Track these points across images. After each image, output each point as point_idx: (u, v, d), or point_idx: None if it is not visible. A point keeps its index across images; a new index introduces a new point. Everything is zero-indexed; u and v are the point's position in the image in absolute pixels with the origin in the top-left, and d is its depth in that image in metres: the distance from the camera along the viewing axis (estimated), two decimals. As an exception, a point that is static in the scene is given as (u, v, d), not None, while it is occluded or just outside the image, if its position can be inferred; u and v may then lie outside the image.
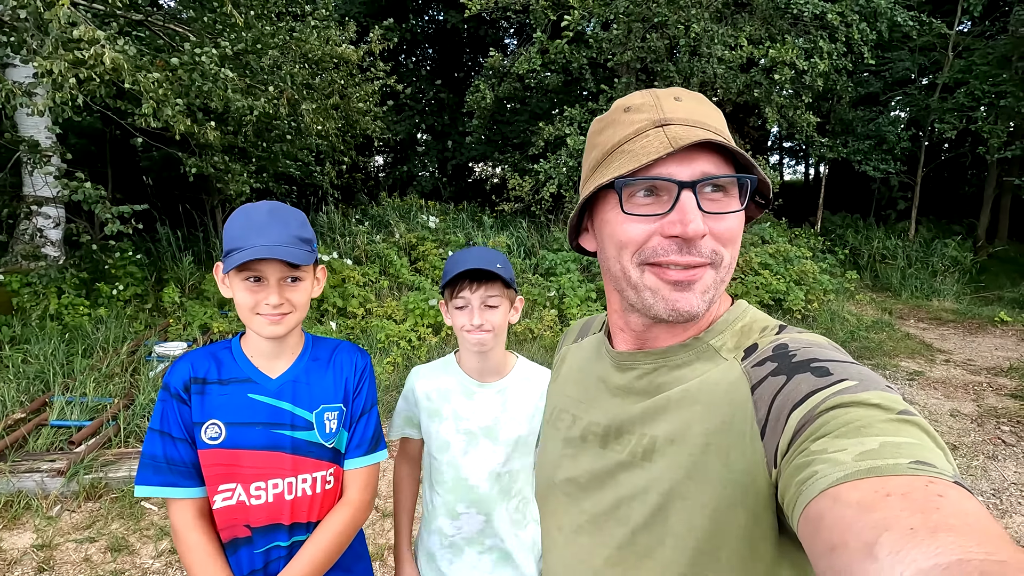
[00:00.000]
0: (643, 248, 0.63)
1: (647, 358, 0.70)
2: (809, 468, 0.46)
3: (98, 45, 3.18)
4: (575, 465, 0.75)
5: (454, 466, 1.30)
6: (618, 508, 0.66)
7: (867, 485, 0.41)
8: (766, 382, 0.57)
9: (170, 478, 1.09)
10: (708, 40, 7.36)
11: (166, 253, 6.53)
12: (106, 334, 4.67)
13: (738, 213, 0.63)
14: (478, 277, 1.24)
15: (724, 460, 0.57)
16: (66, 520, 2.88)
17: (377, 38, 6.47)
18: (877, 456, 0.43)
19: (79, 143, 7.99)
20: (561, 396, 0.85)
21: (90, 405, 3.67)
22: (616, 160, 0.64)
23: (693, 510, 0.58)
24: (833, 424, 0.47)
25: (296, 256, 1.05)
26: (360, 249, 6.76)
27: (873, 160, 9.95)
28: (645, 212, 0.63)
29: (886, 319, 7.41)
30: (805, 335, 0.62)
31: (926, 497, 0.39)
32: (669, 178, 0.61)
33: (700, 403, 0.62)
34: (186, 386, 1.12)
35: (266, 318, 1.08)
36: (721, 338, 0.66)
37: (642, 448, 0.65)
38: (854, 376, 0.51)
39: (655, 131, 0.62)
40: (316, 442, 1.15)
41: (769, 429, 0.54)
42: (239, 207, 1.11)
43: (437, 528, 1.33)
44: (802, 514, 0.44)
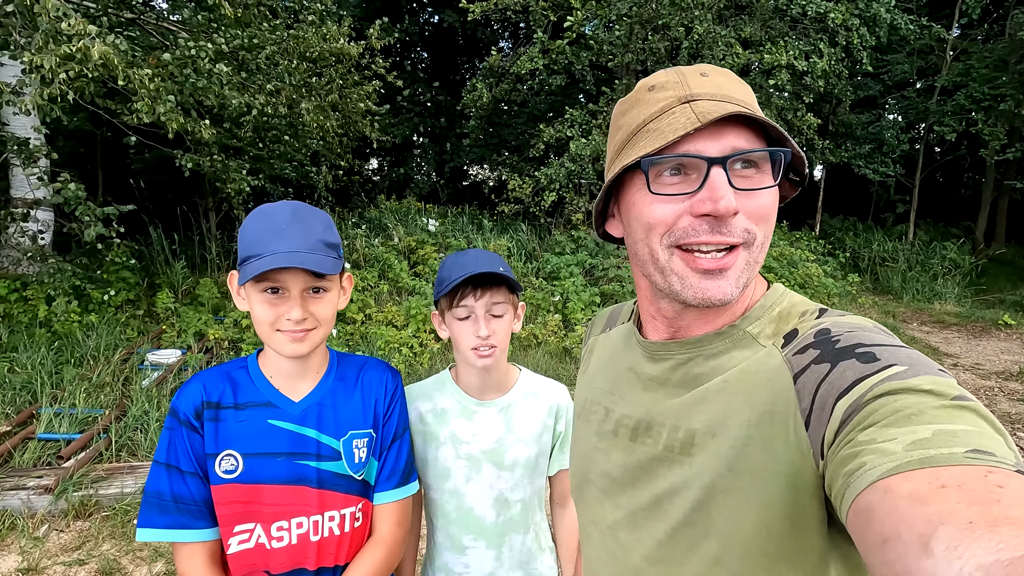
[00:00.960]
0: (673, 229, 0.60)
1: (681, 348, 0.67)
2: (857, 459, 0.44)
3: (88, 38, 3.03)
4: (607, 460, 0.72)
5: (457, 495, 1.16)
6: (658, 504, 0.64)
7: (920, 476, 0.39)
8: (809, 370, 0.54)
9: (179, 519, 0.95)
10: (710, 42, 7.30)
11: (159, 257, 6.35)
12: (97, 342, 4.50)
13: (771, 189, 0.60)
14: (483, 282, 1.09)
15: (768, 452, 0.55)
16: (54, 541, 2.72)
17: (376, 33, 6.34)
18: (930, 445, 0.41)
19: (68, 145, 7.80)
20: (591, 388, 0.82)
21: (80, 417, 3.50)
22: (642, 140, 0.62)
23: (738, 504, 0.56)
24: (882, 412, 0.45)
25: (322, 264, 0.91)
26: (358, 253, 6.62)
27: (872, 163, 9.94)
28: (674, 191, 0.60)
29: (890, 323, 7.35)
30: (848, 318, 0.59)
31: (985, 488, 0.37)
32: (698, 155, 0.58)
33: (740, 394, 0.59)
34: (198, 412, 0.98)
35: (287, 335, 0.94)
36: (758, 324, 0.63)
37: (679, 442, 0.63)
38: (903, 361, 0.48)
39: (681, 107, 0.60)
40: (345, 474, 1.01)
41: (814, 419, 0.51)
42: (256, 208, 0.96)
43: (443, 565, 1.19)
44: (851, 506, 0.43)
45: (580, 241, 7.51)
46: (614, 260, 6.76)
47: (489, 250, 6.51)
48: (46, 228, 5.38)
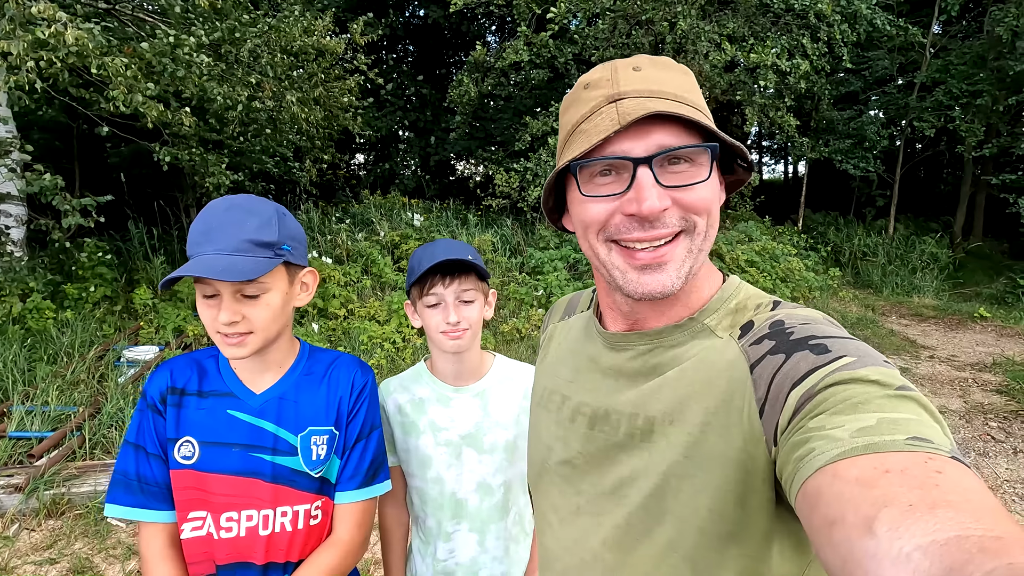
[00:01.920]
0: (606, 226, 0.62)
1: (641, 339, 0.68)
2: (807, 445, 0.46)
3: (59, 24, 2.96)
4: (566, 447, 0.73)
5: (439, 482, 1.18)
6: (618, 489, 0.65)
7: (865, 461, 0.41)
8: (765, 360, 0.56)
9: (141, 499, 0.95)
10: (694, 37, 7.32)
11: (137, 253, 6.25)
12: (72, 339, 4.42)
13: (708, 182, 0.60)
14: (451, 270, 1.11)
15: (724, 439, 0.56)
16: (24, 540, 2.68)
17: (359, 30, 6.28)
18: (874, 432, 0.43)
19: (43, 138, 7.64)
20: (551, 376, 0.82)
21: (52, 415, 3.45)
22: (574, 142, 0.63)
23: (693, 490, 0.57)
24: (831, 401, 0.47)
25: (237, 270, 0.86)
26: (341, 248, 6.57)
27: (853, 158, 10.05)
28: (604, 192, 0.61)
29: (870, 316, 7.46)
30: (801, 310, 0.61)
31: (925, 473, 0.39)
32: (623, 156, 0.59)
33: (698, 383, 0.60)
34: (163, 396, 0.98)
35: (223, 338, 0.92)
36: (716, 317, 0.65)
37: (639, 429, 0.64)
38: (852, 352, 0.51)
39: (608, 107, 0.61)
40: (300, 470, 1.00)
41: (768, 407, 0.53)
42: (198, 210, 0.95)
43: (431, 553, 1.20)
44: (800, 490, 0.44)
45: (564, 236, 7.52)
46: (598, 255, 6.78)
47: (474, 244, 6.48)
48: (17, 223, 5.27)
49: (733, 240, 7.63)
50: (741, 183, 0.71)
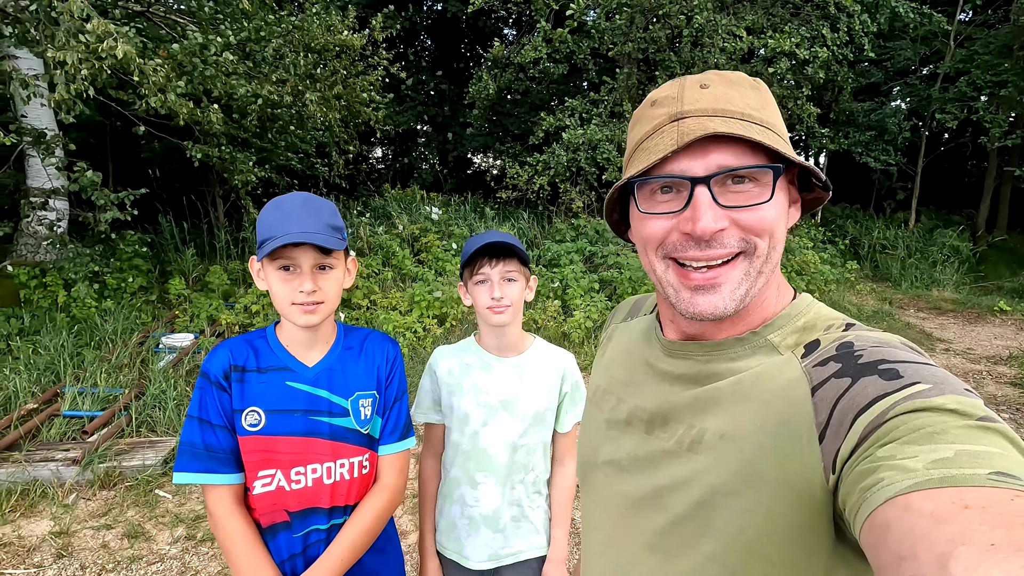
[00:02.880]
0: (664, 244, 0.63)
1: (700, 349, 0.67)
2: (875, 475, 0.43)
3: (111, 38, 3.18)
4: (617, 447, 0.74)
5: (475, 437, 1.36)
6: (660, 495, 0.65)
7: (941, 495, 0.38)
8: (828, 383, 0.53)
9: (209, 464, 1.11)
10: (710, 30, 7.35)
11: (169, 245, 6.53)
12: (114, 326, 4.69)
13: (771, 203, 0.59)
14: (496, 253, 1.30)
15: (777, 461, 0.54)
16: (82, 508, 2.92)
17: (379, 25, 6.44)
18: (952, 465, 0.40)
19: (79, 136, 7.94)
20: (606, 376, 0.84)
21: (101, 396, 3.70)
22: (637, 159, 0.64)
23: (741, 508, 0.56)
24: (903, 429, 0.44)
25: (329, 241, 1.07)
26: (363, 241, 6.77)
27: (874, 151, 9.96)
28: (663, 210, 0.62)
29: (886, 309, 7.46)
30: (875, 333, 0.58)
31: (1010, 511, 0.35)
32: (682, 175, 0.59)
33: (754, 399, 0.59)
34: (226, 374, 1.14)
35: (300, 308, 1.10)
36: (781, 333, 0.63)
37: (689, 438, 0.63)
38: (927, 379, 0.47)
39: (670, 126, 0.61)
40: (352, 428, 1.17)
41: (830, 433, 0.51)
42: (272, 199, 1.12)
43: (459, 497, 1.38)
44: (866, 521, 0.42)
45: (580, 229, 7.64)
46: (613, 247, 6.89)
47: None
48: (62, 216, 5.56)
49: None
50: (820, 201, 0.69)
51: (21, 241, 5.56)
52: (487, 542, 1.36)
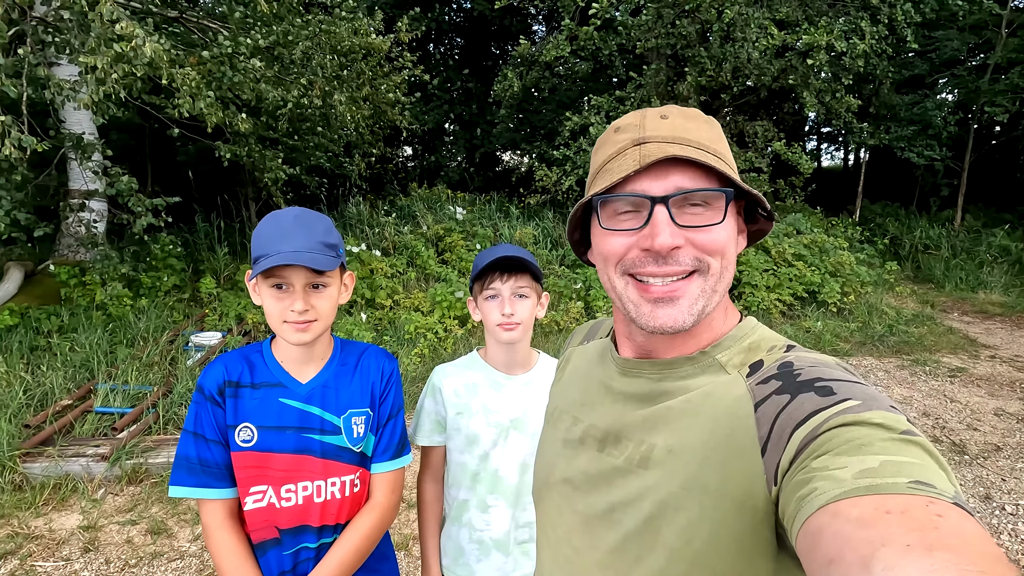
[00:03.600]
0: (623, 260, 0.66)
1: (653, 368, 0.70)
2: (809, 484, 0.46)
3: (137, 40, 3.27)
4: (571, 466, 0.76)
5: (485, 459, 1.31)
6: (612, 512, 0.67)
7: (867, 502, 0.41)
8: (770, 400, 0.57)
9: (203, 479, 1.12)
10: (742, 24, 7.14)
11: (203, 244, 6.72)
12: (147, 324, 4.85)
13: (722, 224, 0.64)
14: (508, 268, 1.27)
15: (722, 475, 0.57)
16: (110, 503, 3.02)
17: (405, 27, 6.47)
18: (877, 475, 0.43)
19: (120, 138, 8.24)
20: (563, 397, 0.86)
21: (131, 393, 3.83)
22: (599, 179, 0.68)
23: (688, 522, 0.58)
24: (835, 442, 0.48)
25: (320, 262, 1.05)
26: (388, 240, 6.83)
27: (917, 146, 9.53)
28: (623, 227, 0.65)
29: (928, 312, 7.14)
30: (812, 354, 0.62)
31: (925, 516, 0.39)
32: (642, 194, 0.63)
33: (702, 415, 0.62)
34: (220, 389, 1.14)
35: (292, 326, 1.09)
36: (728, 354, 0.67)
37: (639, 455, 0.66)
38: (858, 396, 0.52)
39: (632, 149, 0.65)
40: (344, 446, 1.16)
41: (771, 447, 0.54)
42: (267, 214, 1.11)
43: (467, 521, 1.33)
44: (801, 528, 0.45)
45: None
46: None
47: (515, 237, 6.59)
48: (100, 218, 5.77)
49: (780, 233, 7.44)
50: (763, 233, 0.75)
51: (63, 241, 5.80)
52: (499, 566, 1.32)
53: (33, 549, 2.67)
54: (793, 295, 6.63)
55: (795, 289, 6.63)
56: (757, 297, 6.41)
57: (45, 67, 3.78)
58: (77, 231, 5.60)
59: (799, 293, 6.65)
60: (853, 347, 5.93)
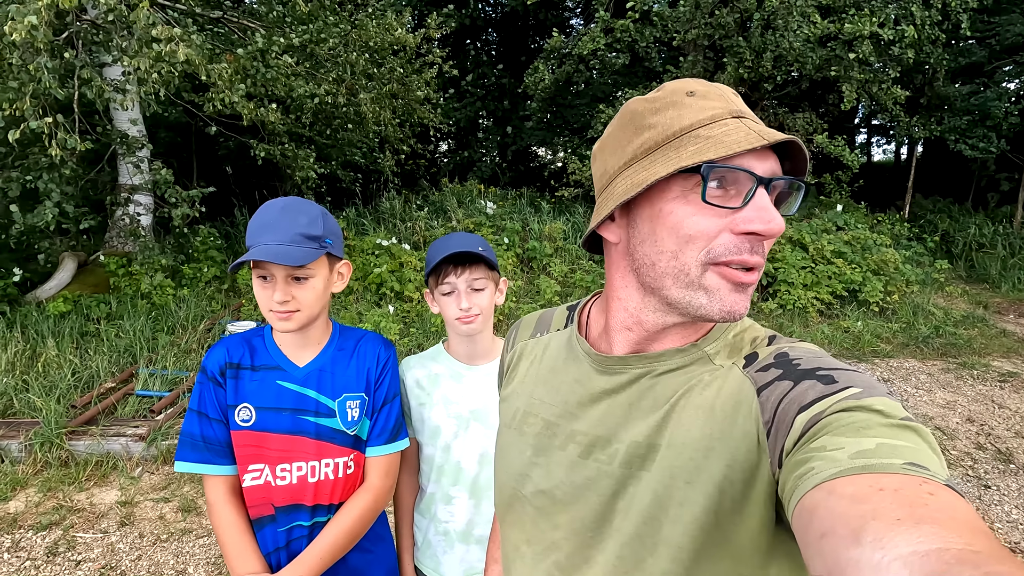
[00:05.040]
0: (712, 244, 0.58)
1: (639, 362, 0.66)
2: (807, 464, 0.48)
3: (173, 43, 3.41)
4: (548, 476, 0.70)
5: (446, 450, 1.31)
6: (606, 522, 0.63)
7: (861, 480, 0.43)
8: (772, 386, 0.57)
9: (206, 455, 1.17)
10: (784, 12, 6.89)
11: (242, 236, 6.96)
12: (187, 312, 5.07)
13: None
14: (462, 261, 1.24)
15: (726, 462, 0.57)
16: (146, 481, 3.18)
17: (435, 24, 6.52)
18: (872, 455, 0.44)
19: (167, 136, 8.63)
20: (525, 397, 0.78)
21: (170, 377, 4.01)
22: (691, 144, 0.57)
23: (693, 516, 0.57)
24: (835, 425, 0.49)
25: (293, 256, 1.06)
26: (419, 234, 6.92)
27: (972, 138, 9.01)
28: (725, 204, 0.57)
29: (979, 313, 6.76)
30: (801, 344, 0.62)
31: (916, 494, 0.40)
32: (752, 171, 0.56)
33: (703, 407, 0.60)
34: (222, 370, 1.19)
35: (276, 315, 1.12)
36: (715, 346, 0.65)
37: (639, 457, 0.62)
38: (859, 384, 0.53)
39: (734, 121, 0.58)
40: (338, 429, 1.19)
41: (774, 430, 0.54)
42: (263, 203, 1.15)
43: (433, 514, 1.35)
44: (798, 505, 0.46)
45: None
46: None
47: (545, 231, 6.55)
48: (146, 211, 6.06)
49: (818, 229, 7.17)
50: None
51: (112, 233, 6.12)
52: (462, 556, 1.32)
53: (75, 521, 2.84)
54: (832, 293, 6.38)
55: (834, 287, 6.39)
56: (793, 295, 6.21)
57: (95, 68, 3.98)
58: (123, 223, 5.89)
59: (838, 292, 6.40)
60: (895, 348, 5.67)
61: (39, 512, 2.88)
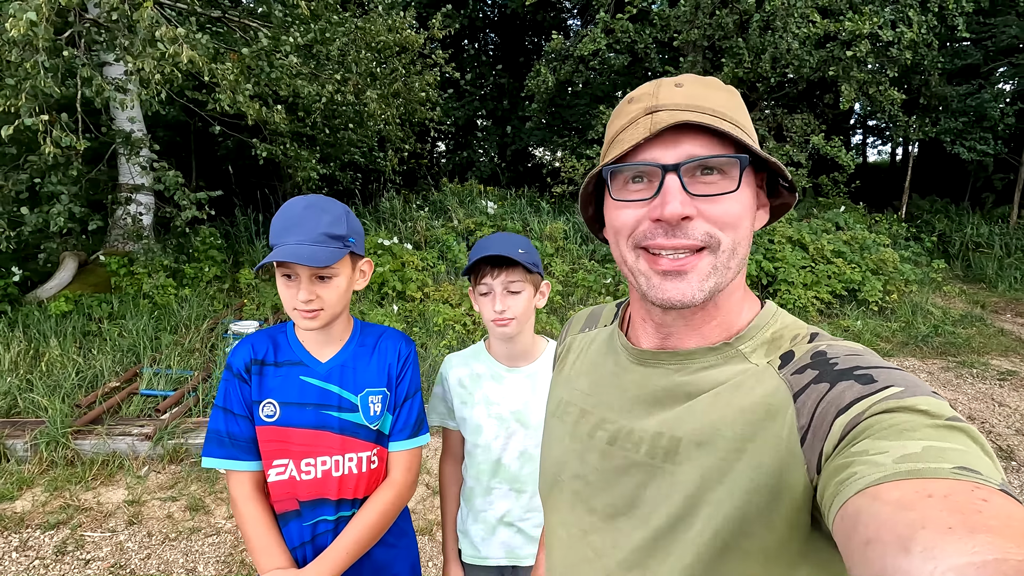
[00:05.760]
0: (635, 233, 0.63)
1: (672, 358, 0.67)
2: (849, 469, 0.46)
3: (177, 44, 3.41)
4: (582, 462, 0.73)
5: (487, 449, 1.34)
6: (636, 509, 0.65)
7: (907, 486, 0.40)
8: (809, 389, 0.56)
9: (232, 451, 1.18)
10: (783, 13, 6.93)
11: (242, 237, 6.95)
12: (189, 312, 5.06)
13: (735, 195, 0.60)
14: (498, 263, 1.25)
15: (757, 466, 0.56)
16: (153, 480, 3.18)
17: (438, 24, 6.53)
18: (919, 459, 0.42)
19: (166, 135, 8.59)
20: (569, 388, 0.82)
21: (174, 377, 4.01)
22: (613, 150, 0.65)
23: (722, 516, 0.57)
24: (876, 428, 0.47)
25: (317, 257, 1.06)
26: (420, 234, 6.92)
27: (969, 139, 9.07)
28: (634, 197, 0.63)
29: (977, 313, 6.82)
30: (841, 342, 0.60)
31: (969, 500, 0.38)
32: (652, 163, 0.61)
33: (733, 407, 0.60)
34: (247, 367, 1.20)
35: (300, 314, 1.13)
36: (751, 344, 0.65)
37: (663, 449, 0.63)
38: (899, 382, 0.50)
39: (644, 118, 0.63)
40: (361, 423, 1.20)
41: (811, 435, 0.53)
42: (285, 202, 1.15)
43: (474, 506, 1.38)
44: (839, 512, 0.44)
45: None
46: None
47: (545, 231, 6.56)
48: (147, 211, 6.04)
49: (818, 229, 7.21)
50: (787, 207, 0.71)
51: (113, 233, 6.10)
52: (504, 540, 1.36)
53: (83, 520, 2.84)
54: (832, 293, 6.42)
55: (834, 287, 6.43)
56: (793, 295, 6.24)
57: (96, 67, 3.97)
58: (124, 223, 5.88)
59: (838, 291, 6.44)
60: (895, 347, 5.72)
61: (46, 511, 2.88)
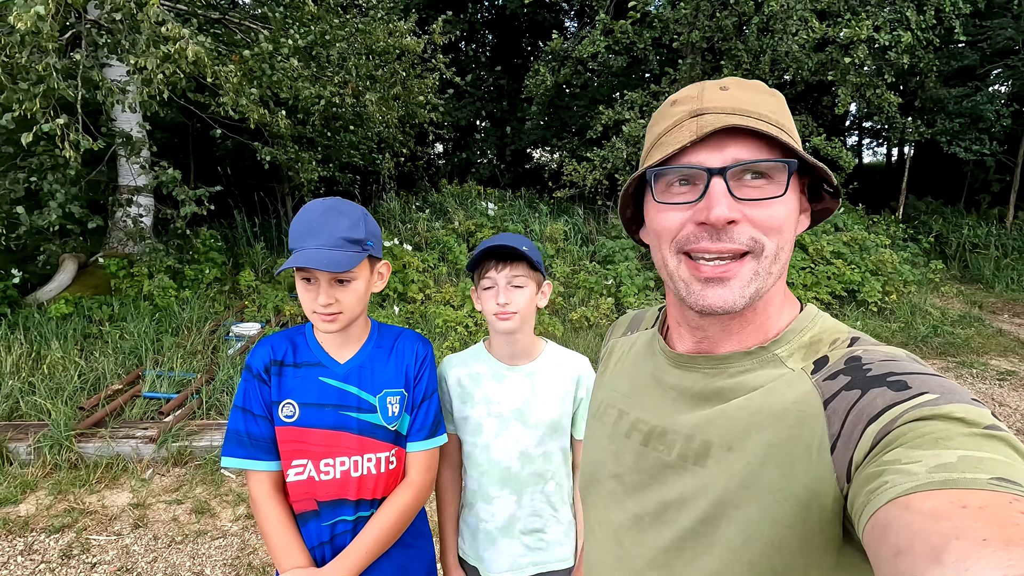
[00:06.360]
0: (678, 237, 0.63)
1: (708, 363, 0.67)
2: (880, 478, 0.45)
3: (182, 41, 3.41)
4: (618, 462, 0.74)
5: (487, 449, 1.33)
6: (665, 510, 0.65)
7: (941, 496, 0.39)
8: (839, 396, 0.55)
9: (251, 451, 1.18)
10: (782, 16, 6.96)
11: (242, 239, 6.94)
12: (190, 314, 5.05)
13: (781, 199, 0.60)
14: (503, 257, 1.26)
15: (786, 473, 0.55)
16: (157, 483, 3.17)
17: (439, 29, 6.54)
18: (954, 469, 0.41)
19: (164, 137, 8.57)
20: (609, 390, 0.83)
21: (177, 379, 3.99)
22: (656, 152, 0.65)
23: (749, 521, 0.57)
24: (910, 436, 0.46)
25: (337, 262, 1.07)
26: (420, 236, 6.93)
27: (965, 140, 9.13)
28: (678, 200, 0.63)
29: (975, 313, 6.86)
30: (881, 347, 0.59)
31: (1006, 513, 0.37)
32: (698, 166, 0.60)
33: (763, 413, 0.60)
34: (267, 367, 1.20)
35: (319, 316, 1.14)
36: (788, 348, 0.64)
37: (693, 451, 0.63)
38: (935, 389, 0.49)
39: (689, 121, 0.62)
40: (380, 424, 1.21)
41: (841, 444, 0.52)
42: (304, 205, 1.16)
43: (476, 511, 1.37)
44: (869, 521, 0.43)
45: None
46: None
47: (546, 232, 6.58)
48: (147, 212, 6.02)
49: (818, 230, 7.24)
50: (829, 212, 0.70)
51: (113, 235, 6.08)
52: (506, 551, 1.34)
53: (88, 523, 2.83)
54: (831, 294, 6.45)
55: (833, 288, 6.46)
56: (794, 295, 6.27)
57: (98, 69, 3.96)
58: (125, 225, 5.86)
59: (838, 292, 6.47)
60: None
61: (51, 515, 2.87)
